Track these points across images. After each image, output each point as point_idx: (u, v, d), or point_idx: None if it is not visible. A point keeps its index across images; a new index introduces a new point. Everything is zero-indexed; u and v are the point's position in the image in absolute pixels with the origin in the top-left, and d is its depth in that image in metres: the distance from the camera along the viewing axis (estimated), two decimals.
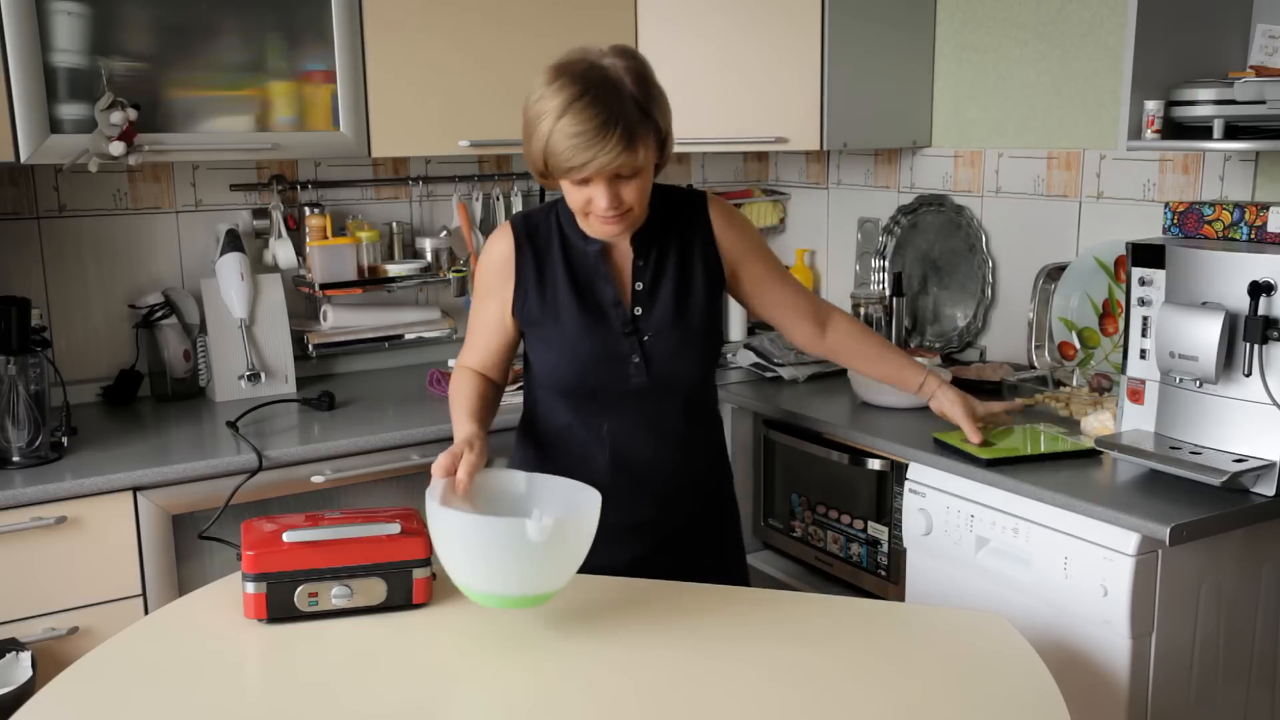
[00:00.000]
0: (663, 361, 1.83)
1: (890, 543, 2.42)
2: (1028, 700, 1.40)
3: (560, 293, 1.82)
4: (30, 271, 2.63)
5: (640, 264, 1.83)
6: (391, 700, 1.40)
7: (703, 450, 1.96)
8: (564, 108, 1.63)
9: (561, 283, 1.82)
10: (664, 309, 1.83)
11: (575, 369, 1.83)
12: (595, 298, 1.82)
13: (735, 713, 1.37)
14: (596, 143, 1.62)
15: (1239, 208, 2.03)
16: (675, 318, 1.83)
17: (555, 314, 1.82)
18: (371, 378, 2.97)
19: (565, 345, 1.82)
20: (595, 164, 1.63)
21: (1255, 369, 1.90)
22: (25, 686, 1.92)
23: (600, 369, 1.82)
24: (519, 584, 1.50)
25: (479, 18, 2.68)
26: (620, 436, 1.87)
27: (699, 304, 1.85)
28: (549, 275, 1.83)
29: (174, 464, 2.21)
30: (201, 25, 2.41)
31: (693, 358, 1.86)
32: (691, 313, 1.84)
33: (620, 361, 1.82)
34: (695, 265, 1.86)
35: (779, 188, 3.56)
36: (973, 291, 2.97)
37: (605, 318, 1.82)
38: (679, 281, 1.84)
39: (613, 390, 1.83)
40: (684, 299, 1.84)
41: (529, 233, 1.85)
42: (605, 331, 1.82)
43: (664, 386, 1.84)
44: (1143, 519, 1.82)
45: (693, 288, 1.85)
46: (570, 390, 1.86)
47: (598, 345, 1.81)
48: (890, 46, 2.94)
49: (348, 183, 2.97)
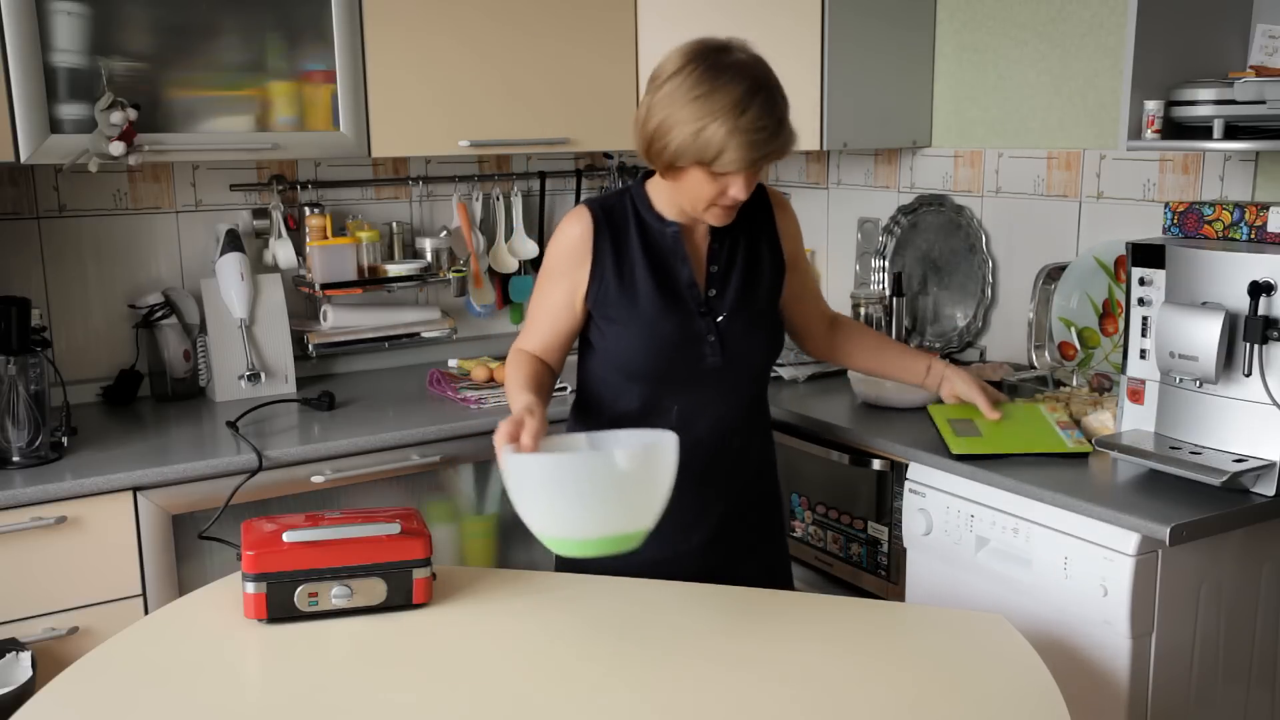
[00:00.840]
0: (737, 342, 1.86)
1: (890, 543, 2.42)
2: (1028, 700, 1.40)
3: (639, 274, 1.83)
4: (30, 271, 2.63)
5: (716, 246, 1.87)
6: (391, 700, 1.40)
7: (760, 437, 2.00)
8: (743, 104, 1.65)
9: (639, 264, 1.83)
10: (735, 291, 1.87)
11: (653, 350, 1.83)
12: (672, 279, 1.84)
13: (735, 712, 1.37)
14: (775, 136, 1.68)
15: (1239, 208, 2.03)
16: (746, 300, 1.87)
17: (634, 296, 1.83)
18: (371, 378, 2.97)
19: (643, 327, 1.83)
20: (771, 155, 1.70)
21: (1255, 369, 1.90)
22: (25, 686, 1.92)
23: (677, 350, 1.84)
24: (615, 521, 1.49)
25: (479, 17, 2.68)
26: (689, 419, 1.86)
27: (766, 288, 1.91)
28: (627, 257, 1.83)
29: (174, 464, 2.21)
30: (201, 25, 2.41)
31: (762, 340, 1.91)
32: (759, 296, 1.90)
33: (696, 342, 1.84)
34: (763, 250, 1.92)
35: (779, 187, 3.56)
36: (973, 291, 2.97)
37: (681, 299, 1.84)
38: (748, 265, 1.89)
39: (686, 372, 1.85)
40: (753, 282, 1.89)
41: (606, 215, 1.85)
42: (682, 313, 1.84)
43: (736, 368, 1.88)
44: (1143, 519, 1.82)
45: (760, 271, 1.90)
46: (644, 373, 1.85)
47: (676, 326, 1.83)
48: (890, 46, 2.94)
49: (348, 183, 2.97)
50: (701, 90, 1.66)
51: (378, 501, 2.47)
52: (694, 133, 1.67)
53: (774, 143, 1.68)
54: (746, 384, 1.94)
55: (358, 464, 2.41)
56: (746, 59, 1.71)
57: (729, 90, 1.65)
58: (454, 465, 2.59)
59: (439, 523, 2.62)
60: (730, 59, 1.69)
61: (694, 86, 1.67)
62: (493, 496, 2.71)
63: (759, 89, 1.67)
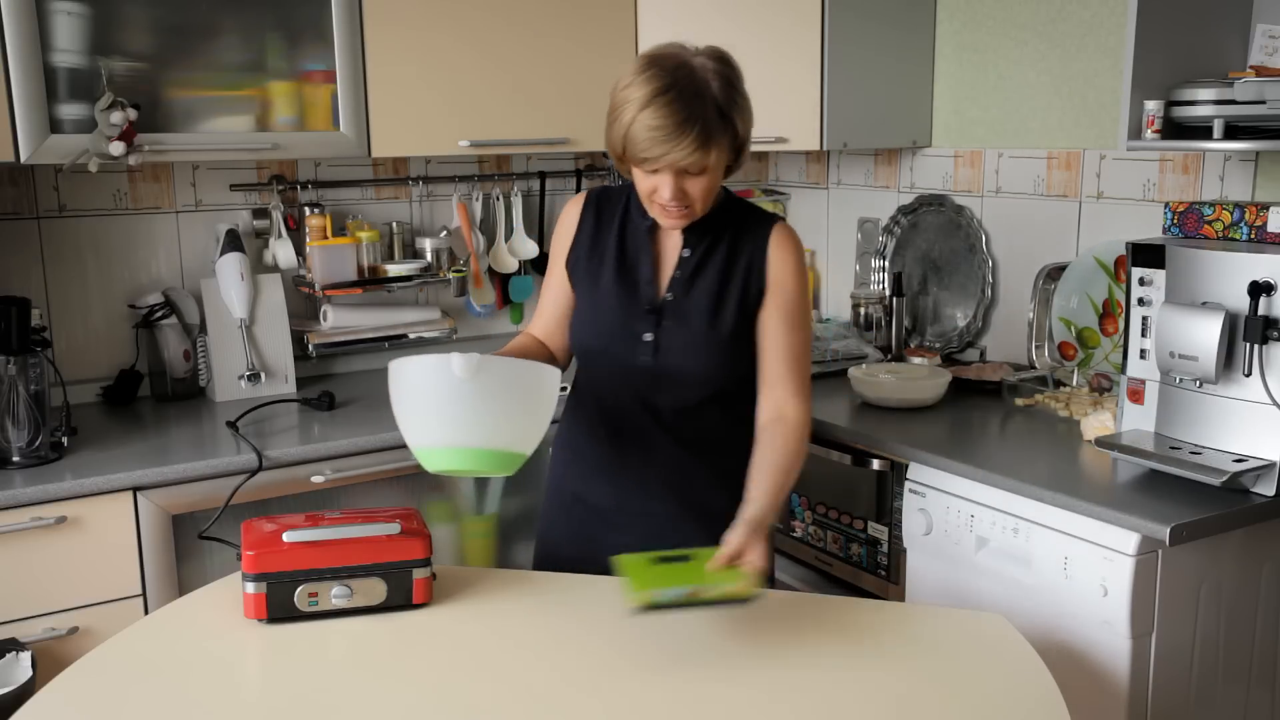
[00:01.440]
0: (672, 352, 1.84)
1: (890, 543, 2.42)
2: (1028, 700, 1.40)
3: (607, 256, 1.89)
4: (30, 271, 2.63)
5: (686, 254, 1.86)
6: (391, 700, 1.40)
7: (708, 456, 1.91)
8: (648, 99, 1.67)
9: (610, 248, 1.89)
10: (692, 303, 1.85)
11: (595, 329, 1.89)
12: (633, 270, 1.87)
13: (735, 712, 1.37)
14: (672, 139, 1.66)
15: (1239, 208, 2.03)
16: (700, 314, 1.84)
17: (596, 273, 1.89)
18: (371, 378, 2.97)
19: (594, 304, 1.89)
20: (667, 159, 1.69)
21: (1255, 369, 1.90)
22: (25, 686, 1.92)
23: (615, 337, 1.86)
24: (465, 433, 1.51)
25: (480, 17, 2.68)
26: (622, 411, 1.89)
27: (730, 313, 1.84)
28: (603, 238, 1.91)
29: (174, 464, 2.21)
30: (201, 25, 2.41)
31: (706, 360, 1.84)
32: (721, 316, 1.84)
33: (633, 338, 1.85)
34: (738, 273, 1.85)
35: (779, 188, 3.56)
36: (973, 291, 2.97)
37: (636, 292, 1.86)
38: (718, 282, 1.85)
39: (621, 363, 1.87)
40: (716, 300, 1.84)
41: (599, 201, 1.94)
42: (631, 304, 1.86)
43: (671, 377, 1.85)
44: (1143, 519, 1.82)
45: (728, 292, 1.84)
46: (584, 350, 1.92)
47: (620, 314, 1.86)
48: (890, 46, 2.94)
49: (348, 183, 2.97)
50: (627, 81, 1.71)
51: (378, 501, 2.47)
52: (610, 121, 1.74)
53: (670, 144, 1.66)
54: (686, 396, 1.86)
55: (358, 464, 2.41)
56: (691, 63, 1.70)
57: (645, 85, 1.68)
58: None
59: (439, 523, 2.62)
60: (673, 60, 1.70)
61: (625, 77, 1.73)
62: (493, 496, 2.71)
63: (673, 89, 1.66)
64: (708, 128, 1.68)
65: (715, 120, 1.69)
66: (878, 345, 3.00)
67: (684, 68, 1.70)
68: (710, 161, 1.71)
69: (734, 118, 1.72)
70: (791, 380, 1.84)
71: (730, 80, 1.73)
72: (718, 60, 1.73)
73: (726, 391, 1.89)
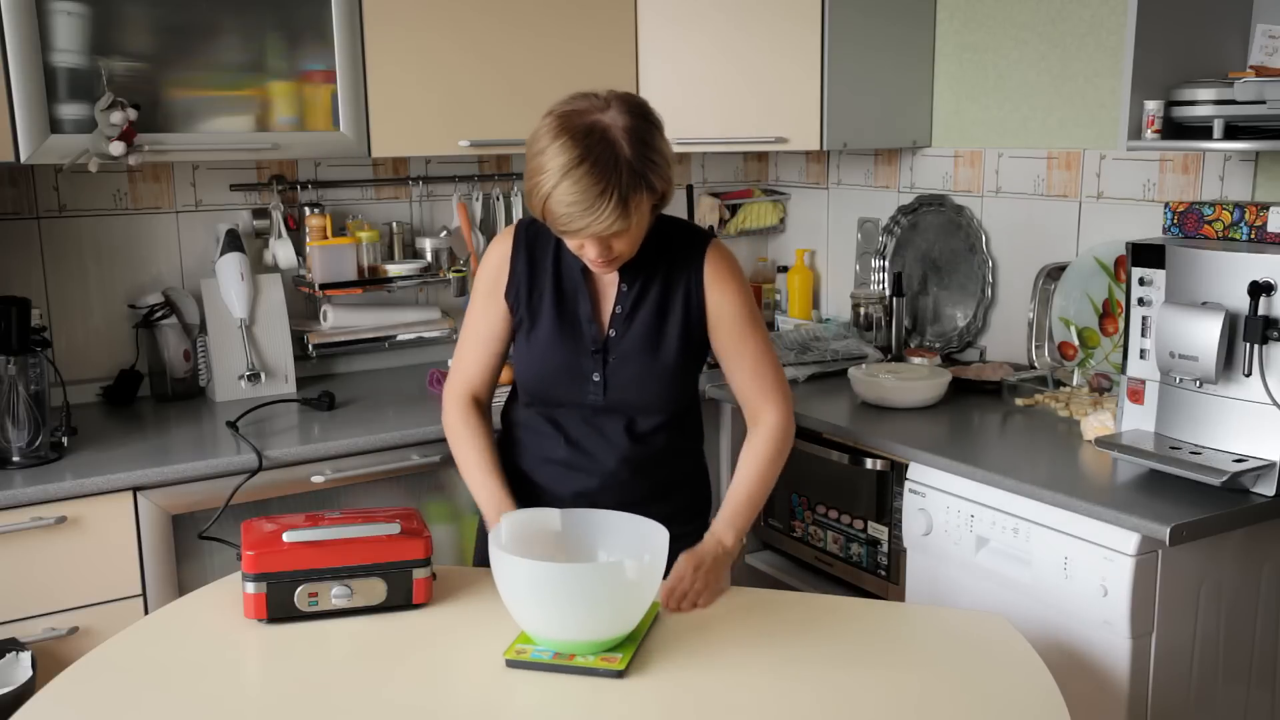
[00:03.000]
0: (620, 387, 1.84)
1: (890, 543, 2.42)
2: (1028, 700, 1.40)
3: (545, 300, 1.85)
4: (30, 271, 2.63)
5: (624, 289, 1.84)
6: (391, 700, 1.40)
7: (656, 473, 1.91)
8: (563, 172, 1.61)
9: (548, 290, 1.85)
10: (635, 337, 1.84)
11: (540, 375, 1.87)
12: (573, 312, 1.85)
13: (735, 712, 1.37)
14: (590, 212, 1.62)
15: (1239, 208, 2.03)
16: (644, 347, 1.84)
17: (535, 319, 1.86)
18: (371, 378, 2.97)
19: (536, 351, 1.86)
20: (588, 231, 1.64)
21: (1255, 369, 1.90)
22: (25, 686, 1.92)
23: (562, 381, 1.85)
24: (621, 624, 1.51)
25: (479, 17, 2.68)
26: (577, 448, 1.89)
27: (672, 340, 1.84)
28: (538, 281, 1.86)
29: (174, 464, 2.21)
30: (201, 25, 2.41)
31: (655, 390, 1.86)
32: (663, 347, 1.84)
33: (581, 378, 1.84)
34: (676, 302, 1.84)
35: (779, 188, 3.56)
36: (973, 291, 2.97)
37: (579, 333, 1.84)
38: (656, 314, 1.84)
39: (572, 402, 1.86)
40: (657, 332, 1.84)
41: (529, 238, 1.87)
42: (575, 346, 1.84)
43: (620, 410, 1.86)
44: (1143, 519, 1.82)
45: (668, 323, 1.84)
46: (533, 394, 1.90)
47: (564, 357, 1.84)
48: (890, 46, 2.94)
49: (348, 183, 2.97)
50: (541, 146, 1.65)
51: (378, 501, 2.47)
52: (529, 188, 1.68)
53: (589, 217, 1.62)
54: (635, 423, 1.87)
55: (358, 464, 2.41)
56: (604, 125, 1.64)
57: (558, 154, 1.62)
58: (454, 465, 2.58)
59: (439, 523, 2.62)
60: (584, 124, 1.64)
61: (537, 140, 1.66)
62: None
63: (586, 159, 1.60)
64: (624, 196, 1.62)
65: (630, 186, 1.63)
66: (878, 345, 3.00)
67: (595, 132, 1.63)
68: (631, 224, 1.66)
69: (650, 178, 1.66)
70: (759, 388, 1.88)
71: (644, 138, 1.66)
72: (631, 114, 1.66)
73: (674, 415, 1.91)
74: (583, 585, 1.44)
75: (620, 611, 1.48)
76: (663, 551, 1.53)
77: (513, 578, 1.47)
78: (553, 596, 1.45)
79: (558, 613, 1.46)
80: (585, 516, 1.63)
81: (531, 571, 1.45)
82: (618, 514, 1.62)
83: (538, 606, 1.47)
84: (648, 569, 1.49)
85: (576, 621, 1.46)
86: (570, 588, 1.44)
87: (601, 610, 1.46)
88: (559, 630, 1.47)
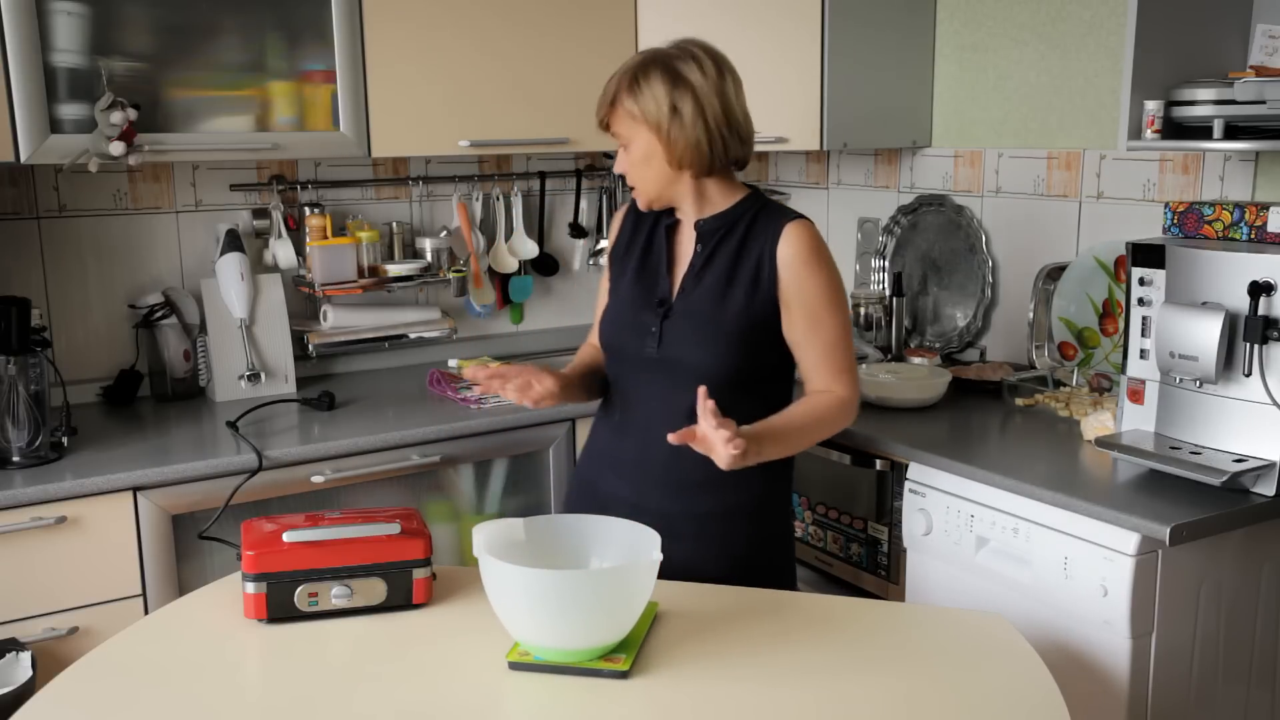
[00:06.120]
0: (675, 343, 1.87)
1: (890, 543, 2.42)
2: (1028, 700, 1.40)
3: (633, 259, 1.97)
4: (30, 271, 2.63)
5: (699, 249, 1.90)
6: (391, 700, 1.40)
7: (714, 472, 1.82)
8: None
9: (637, 251, 1.97)
10: (698, 298, 1.88)
11: (612, 322, 1.98)
12: (651, 268, 1.95)
13: (734, 712, 1.37)
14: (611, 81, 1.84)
15: (1239, 208, 2.03)
16: (704, 308, 1.87)
17: (621, 272, 1.99)
18: (371, 378, 2.97)
19: (614, 302, 1.98)
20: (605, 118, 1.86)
21: (1255, 369, 1.90)
22: (25, 686, 1.92)
23: (626, 332, 1.93)
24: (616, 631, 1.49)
25: (480, 17, 2.68)
26: (630, 404, 1.94)
27: (734, 307, 1.85)
28: (634, 244, 1.99)
29: (174, 464, 2.21)
30: (201, 25, 2.41)
31: (705, 352, 1.85)
32: (726, 310, 1.85)
33: (643, 330, 1.90)
34: (745, 270, 1.86)
35: (779, 188, 3.56)
36: (973, 291, 2.97)
37: (651, 288, 1.93)
38: (724, 279, 1.87)
39: (634, 356, 1.92)
40: (721, 296, 1.86)
41: (636, 209, 1.99)
42: (646, 299, 1.92)
43: (674, 370, 1.87)
44: (1143, 519, 1.82)
45: (733, 288, 1.86)
46: (605, 342, 2.00)
47: (633, 310, 1.93)
48: (890, 46, 2.94)
49: (348, 183, 2.97)
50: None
51: (378, 501, 2.47)
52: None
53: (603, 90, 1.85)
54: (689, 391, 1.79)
55: (358, 464, 2.41)
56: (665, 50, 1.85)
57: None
58: (454, 465, 2.59)
59: (439, 523, 2.62)
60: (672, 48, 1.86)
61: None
62: (493, 496, 2.71)
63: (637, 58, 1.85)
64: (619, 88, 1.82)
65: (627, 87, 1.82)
66: (878, 345, 3.00)
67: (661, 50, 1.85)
68: (622, 128, 1.83)
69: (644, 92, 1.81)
70: (829, 369, 1.87)
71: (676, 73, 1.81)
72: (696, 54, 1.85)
73: (731, 388, 1.85)
74: (574, 592, 1.43)
75: (611, 617, 1.46)
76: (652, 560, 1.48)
77: (501, 584, 1.44)
78: (542, 603, 1.43)
79: (548, 620, 1.44)
80: (581, 522, 1.62)
81: (523, 579, 1.42)
82: (613, 520, 1.60)
83: (529, 614, 1.45)
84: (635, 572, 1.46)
85: (569, 629, 1.44)
86: (563, 594, 1.42)
87: (595, 617, 1.45)
88: (551, 638, 1.45)
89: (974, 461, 2.13)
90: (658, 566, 1.49)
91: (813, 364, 1.87)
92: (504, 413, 2.59)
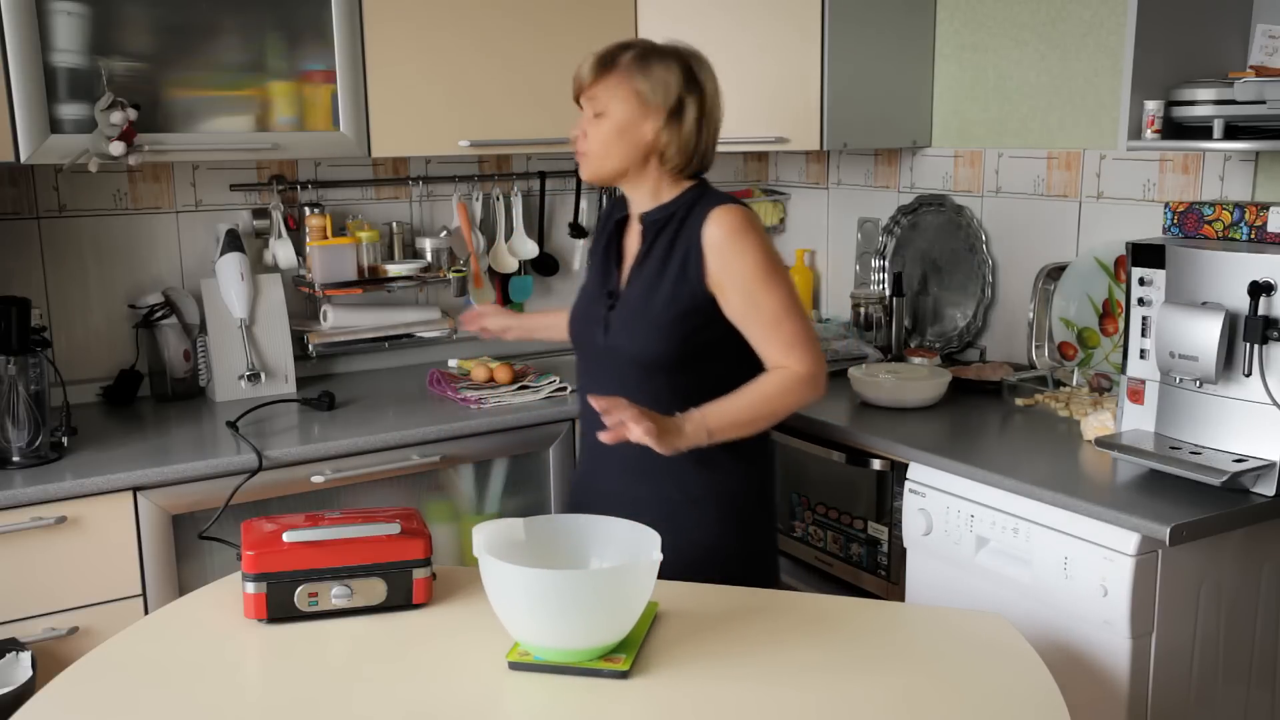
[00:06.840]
0: (617, 333, 1.95)
1: (890, 543, 2.42)
2: (1028, 700, 1.40)
3: (597, 251, 2.08)
4: (30, 271, 2.63)
5: (642, 246, 1.97)
6: (391, 700, 1.40)
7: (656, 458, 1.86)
8: None
9: (600, 244, 2.07)
10: (637, 288, 1.95)
11: (572, 319, 2.09)
12: (605, 264, 2.04)
13: (734, 712, 1.37)
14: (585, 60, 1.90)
15: (1239, 208, 2.03)
16: (639, 298, 1.94)
17: (590, 267, 2.11)
18: (371, 378, 2.97)
19: (577, 296, 2.10)
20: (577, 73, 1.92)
21: (1255, 369, 1.90)
22: (25, 686, 1.92)
23: (581, 324, 2.05)
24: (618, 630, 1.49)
25: (480, 17, 2.68)
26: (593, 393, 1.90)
27: (663, 294, 1.90)
28: (598, 240, 2.09)
29: (174, 464, 2.21)
30: (201, 25, 2.41)
31: (644, 338, 1.91)
32: (655, 299, 1.91)
33: (594, 322, 2.00)
34: (676, 258, 1.91)
35: (779, 188, 3.56)
36: (973, 291, 2.97)
37: (603, 282, 2.02)
38: (658, 271, 1.93)
39: (588, 346, 2.03)
40: (654, 288, 1.92)
41: (609, 208, 2.09)
42: (597, 293, 2.02)
43: (619, 358, 1.95)
44: (1143, 519, 1.82)
45: (664, 279, 1.92)
46: (570, 337, 2.10)
47: (587, 303, 2.05)
48: (890, 46, 2.94)
49: (348, 183, 2.97)
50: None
51: (378, 501, 2.47)
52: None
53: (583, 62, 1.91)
54: (636, 378, 1.91)
55: (358, 464, 2.41)
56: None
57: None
58: (454, 465, 2.59)
59: (439, 523, 2.62)
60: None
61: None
62: (493, 496, 2.71)
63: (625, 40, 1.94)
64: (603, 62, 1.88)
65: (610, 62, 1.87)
66: (878, 345, 3.00)
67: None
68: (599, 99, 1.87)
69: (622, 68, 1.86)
70: (779, 342, 1.88)
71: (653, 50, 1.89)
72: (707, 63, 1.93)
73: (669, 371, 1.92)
74: (574, 592, 1.42)
75: (612, 617, 1.46)
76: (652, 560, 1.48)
77: (501, 584, 1.44)
78: (542, 603, 1.43)
79: (548, 620, 1.44)
80: (581, 522, 1.62)
81: (523, 579, 1.42)
82: (613, 520, 1.60)
83: (528, 614, 1.45)
84: (636, 572, 1.46)
85: (569, 629, 1.44)
86: (563, 594, 1.42)
87: (595, 617, 1.44)
88: (551, 638, 1.45)
89: (974, 461, 2.13)
90: (658, 566, 1.49)
91: (760, 342, 1.90)
92: (504, 413, 2.59)
